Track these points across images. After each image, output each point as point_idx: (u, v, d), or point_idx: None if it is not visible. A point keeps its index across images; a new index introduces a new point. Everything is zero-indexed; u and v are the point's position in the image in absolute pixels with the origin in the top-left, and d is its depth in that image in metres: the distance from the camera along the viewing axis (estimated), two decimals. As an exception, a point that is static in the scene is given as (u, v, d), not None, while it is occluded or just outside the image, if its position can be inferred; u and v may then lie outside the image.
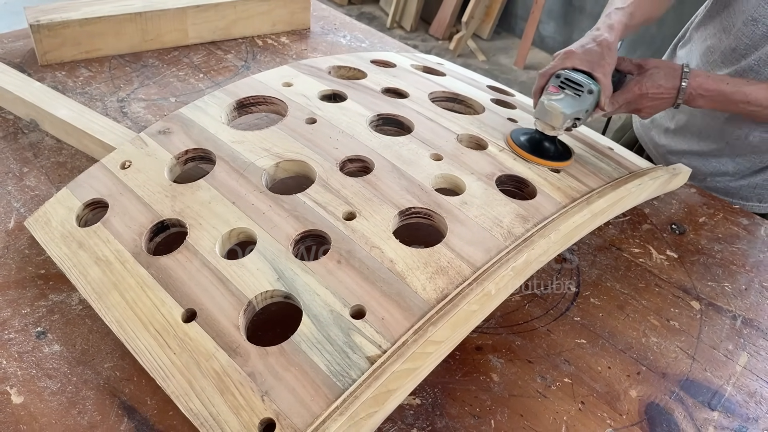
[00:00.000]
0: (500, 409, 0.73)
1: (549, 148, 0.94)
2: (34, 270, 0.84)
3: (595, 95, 0.91)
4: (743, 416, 0.75)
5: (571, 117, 0.90)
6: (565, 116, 0.89)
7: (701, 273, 0.96)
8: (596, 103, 0.93)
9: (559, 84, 0.92)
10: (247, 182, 0.84)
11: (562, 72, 0.92)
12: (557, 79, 0.92)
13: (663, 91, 0.97)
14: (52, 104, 1.09)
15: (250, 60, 1.40)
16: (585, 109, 0.91)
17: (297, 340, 0.67)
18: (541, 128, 0.92)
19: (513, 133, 0.97)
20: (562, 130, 0.92)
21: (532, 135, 0.95)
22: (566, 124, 0.90)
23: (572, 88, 0.91)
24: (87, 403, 0.69)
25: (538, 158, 0.92)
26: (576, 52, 0.94)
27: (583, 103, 0.91)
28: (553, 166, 0.92)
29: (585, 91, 0.90)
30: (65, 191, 0.89)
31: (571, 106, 0.90)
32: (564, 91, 0.91)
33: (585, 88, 0.90)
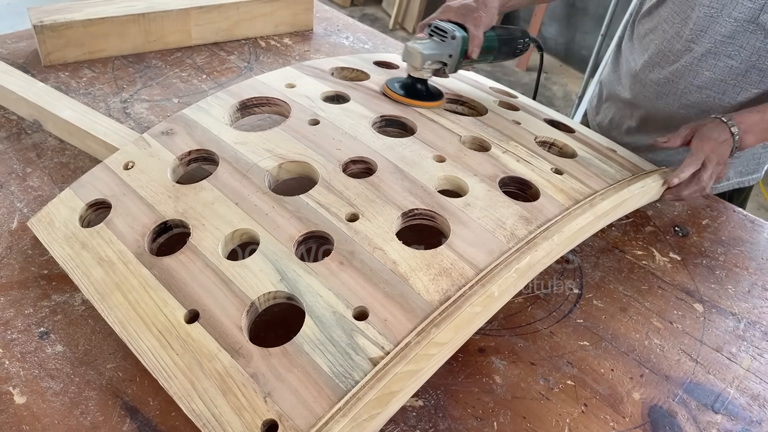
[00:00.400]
0: (503, 411, 0.73)
1: (420, 90, 1.03)
2: (37, 270, 0.84)
3: (458, 40, 0.98)
4: (746, 419, 0.75)
5: (430, 58, 0.98)
6: (423, 56, 0.97)
7: (704, 275, 0.96)
8: (462, 49, 1.00)
9: (429, 32, 1.00)
10: (250, 183, 0.84)
11: (433, 21, 1.00)
12: (428, 28, 1.01)
13: (726, 136, 0.97)
14: (56, 105, 1.09)
15: (253, 61, 1.40)
16: (447, 53, 0.99)
17: (300, 342, 0.67)
18: (409, 71, 1.01)
19: (388, 81, 1.06)
20: (427, 72, 1.00)
21: (404, 80, 1.04)
22: (427, 65, 0.98)
23: (438, 35, 0.99)
24: (90, 403, 0.69)
25: (409, 99, 1.01)
26: (452, 6, 1.03)
27: (446, 47, 0.99)
28: (424, 106, 1.01)
29: (449, 37, 0.98)
30: (68, 192, 0.89)
31: (431, 48, 0.98)
32: (431, 38, 0.99)
33: (449, 35, 0.98)
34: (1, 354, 0.73)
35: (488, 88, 1.19)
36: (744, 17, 1.01)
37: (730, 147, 0.98)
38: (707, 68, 1.08)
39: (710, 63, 1.07)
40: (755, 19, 1.01)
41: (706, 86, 1.10)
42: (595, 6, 3.68)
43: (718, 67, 1.07)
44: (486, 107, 1.08)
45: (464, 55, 1.01)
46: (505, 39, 1.07)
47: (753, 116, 0.99)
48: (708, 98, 1.11)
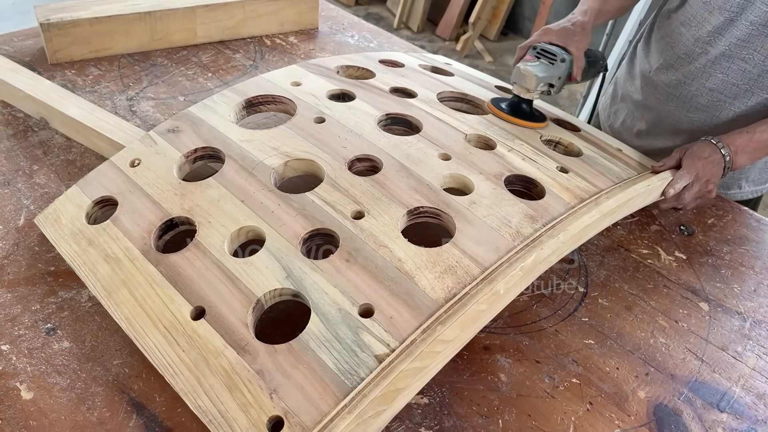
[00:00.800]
0: (508, 409, 0.73)
1: (526, 110, 1.04)
2: (44, 267, 0.85)
3: (567, 64, 1.02)
4: (752, 418, 0.75)
5: (543, 80, 1.00)
6: (538, 79, 1.00)
7: (710, 274, 0.96)
8: (569, 72, 1.03)
9: (536, 54, 1.03)
10: (255, 181, 0.84)
11: (539, 44, 1.03)
12: (534, 50, 1.03)
13: (716, 156, 0.99)
14: (62, 102, 1.09)
15: (259, 59, 1.40)
16: (557, 75, 1.01)
17: (305, 338, 0.67)
18: (517, 91, 1.03)
19: (493, 100, 1.08)
20: (536, 93, 1.02)
21: (511, 99, 1.06)
22: (539, 87, 1.01)
23: (547, 57, 1.02)
24: (96, 399, 0.69)
25: (517, 119, 1.03)
26: (552, 29, 1.06)
27: (556, 69, 1.01)
28: (530, 126, 1.02)
29: (558, 60, 1.01)
30: (75, 189, 0.89)
31: (543, 71, 1.00)
32: (539, 60, 1.02)
33: (558, 57, 1.01)
34: (9, 350, 0.74)
35: (494, 86, 1.19)
36: (759, 21, 1.00)
37: (722, 167, 0.99)
38: (721, 71, 1.08)
39: (724, 66, 1.07)
40: None
41: (717, 89, 1.10)
42: (600, 5, 3.66)
43: (731, 70, 1.07)
44: (491, 106, 1.08)
45: (568, 77, 1.04)
46: (592, 61, 1.11)
47: (742, 137, 1.00)
48: (718, 101, 1.11)
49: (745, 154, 1.00)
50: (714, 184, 0.99)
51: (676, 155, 1.01)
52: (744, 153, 1.00)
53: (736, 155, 0.99)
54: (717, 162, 0.98)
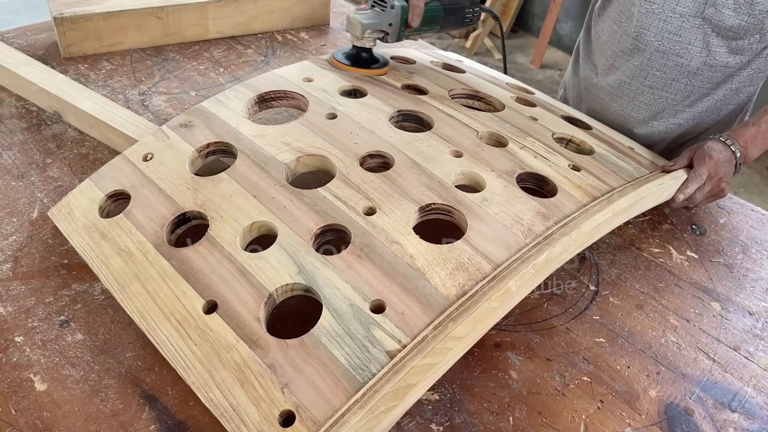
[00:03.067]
0: (518, 407, 0.73)
1: (365, 58, 1.09)
2: (58, 260, 0.85)
3: (397, 10, 1.03)
4: (764, 418, 0.75)
5: (370, 27, 1.04)
6: (363, 26, 1.04)
7: (722, 274, 0.95)
8: (404, 19, 1.04)
9: (372, 3, 1.05)
10: (268, 176, 0.85)
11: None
12: None
13: (727, 154, 0.98)
14: (76, 96, 1.10)
15: (270, 55, 1.41)
16: (387, 22, 1.04)
17: (317, 333, 0.68)
18: (352, 41, 1.07)
19: (335, 54, 1.11)
20: (369, 41, 1.06)
21: (349, 51, 1.10)
22: (367, 34, 1.05)
23: (379, 4, 1.04)
24: (109, 391, 0.70)
25: (355, 68, 1.07)
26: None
27: (386, 17, 1.04)
28: (369, 73, 1.07)
29: (388, 7, 1.03)
30: (88, 182, 0.90)
31: (370, 18, 1.04)
32: (373, 8, 1.05)
33: (388, 4, 1.03)
34: (23, 341, 0.74)
35: (505, 83, 1.19)
36: (689, 12, 1.00)
37: (734, 164, 0.98)
38: (657, 68, 1.07)
39: (659, 62, 1.07)
40: (701, 14, 1.00)
41: (657, 86, 1.10)
42: (611, 3, 3.65)
43: (667, 66, 1.06)
44: (503, 103, 1.07)
45: (405, 24, 1.05)
46: (451, 8, 1.10)
47: (749, 130, 0.99)
48: (660, 99, 1.11)
49: (755, 147, 0.99)
50: (726, 183, 0.99)
51: (687, 154, 1.00)
52: (754, 146, 0.99)
53: (746, 149, 0.99)
54: (728, 160, 0.98)
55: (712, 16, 0.99)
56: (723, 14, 0.98)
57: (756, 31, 1.00)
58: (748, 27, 0.99)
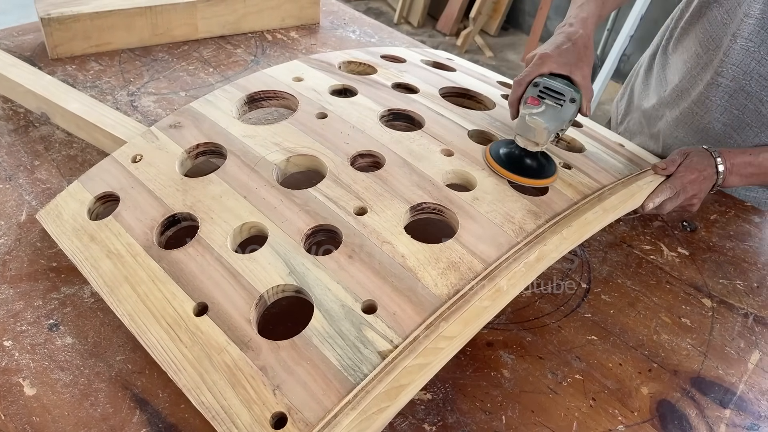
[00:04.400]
0: (511, 405, 0.73)
1: (532, 165, 0.86)
2: (46, 263, 0.84)
3: (577, 103, 0.85)
4: (755, 414, 0.75)
5: (555, 130, 0.83)
6: (549, 132, 0.83)
7: (713, 270, 0.95)
8: (579, 109, 0.87)
9: (538, 94, 0.85)
10: (258, 177, 0.84)
11: (540, 80, 0.86)
12: (535, 88, 0.85)
13: (710, 171, 0.93)
14: (63, 98, 1.09)
15: (260, 54, 1.40)
16: (569, 118, 0.85)
17: (308, 335, 0.67)
18: (523, 145, 0.85)
19: (492, 147, 0.89)
20: (546, 145, 0.85)
21: (512, 151, 0.87)
22: (551, 138, 0.84)
23: (552, 97, 0.84)
24: (99, 395, 0.69)
25: (521, 177, 0.85)
26: (551, 55, 0.87)
27: (566, 113, 0.84)
28: (538, 185, 0.86)
29: (567, 100, 0.84)
30: (76, 184, 0.89)
31: (554, 119, 0.83)
32: (544, 102, 0.84)
33: (566, 97, 0.84)
34: (11, 345, 0.74)
35: (495, 82, 1.19)
36: None
37: (712, 183, 0.94)
38: (736, 107, 1.00)
39: (740, 102, 1.00)
40: None
41: (731, 125, 1.03)
42: (602, 0, 3.65)
43: (747, 108, 1.00)
44: (493, 101, 1.07)
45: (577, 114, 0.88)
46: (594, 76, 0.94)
47: (743, 157, 0.94)
48: (729, 137, 1.04)
49: (738, 176, 0.94)
50: (699, 199, 0.94)
51: (678, 159, 0.95)
52: (738, 174, 0.94)
53: (730, 174, 0.93)
54: (709, 177, 0.93)
55: None
56: None
57: None
58: None
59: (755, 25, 0.95)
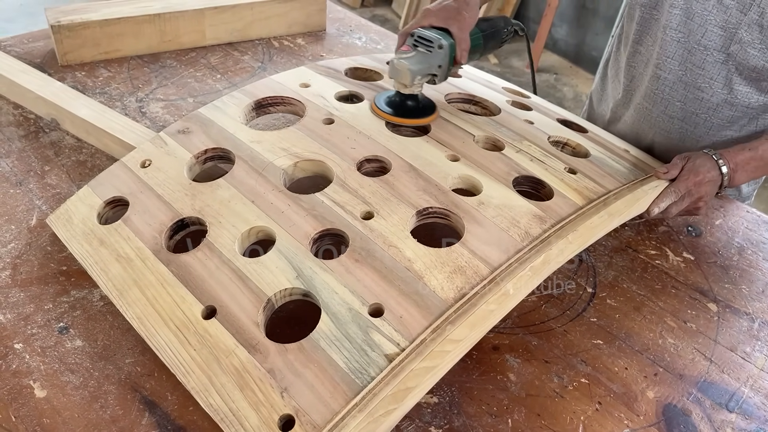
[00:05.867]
0: (517, 409, 0.73)
1: (411, 107, 0.97)
2: (56, 266, 0.85)
3: (445, 50, 0.93)
4: (761, 418, 0.75)
5: (420, 73, 0.93)
6: (412, 73, 0.92)
7: (718, 275, 0.96)
8: (452, 57, 0.95)
9: (413, 42, 0.94)
10: (265, 181, 0.85)
11: (416, 31, 0.94)
12: (411, 38, 0.94)
13: (714, 174, 0.94)
14: (73, 104, 1.10)
15: (267, 61, 1.41)
16: (437, 64, 0.94)
17: (316, 338, 0.68)
18: (396, 87, 0.96)
19: (376, 98, 1.00)
20: (417, 87, 0.95)
21: (393, 98, 0.99)
22: (417, 80, 0.93)
23: (424, 45, 0.93)
24: (109, 397, 0.70)
25: (400, 119, 0.96)
26: (432, 10, 0.97)
27: (434, 58, 0.93)
28: (418, 123, 0.97)
29: (435, 47, 0.93)
30: (86, 189, 0.90)
31: (419, 63, 0.93)
32: (417, 49, 0.94)
33: (435, 44, 0.92)
34: (22, 348, 0.75)
35: (501, 87, 1.19)
36: (714, 45, 0.96)
37: (718, 185, 0.95)
38: (678, 98, 1.05)
39: (680, 93, 1.04)
40: (726, 49, 0.96)
41: (678, 117, 1.07)
42: (606, 7, 3.67)
43: (688, 98, 1.04)
44: (499, 107, 1.08)
45: (453, 62, 0.97)
46: (490, 33, 1.04)
47: (744, 154, 0.95)
48: (681, 129, 1.08)
49: (744, 172, 0.96)
50: (705, 203, 0.95)
51: (679, 164, 0.96)
52: (744, 171, 0.96)
53: (735, 173, 0.95)
54: (713, 180, 0.94)
55: (737, 53, 0.95)
56: (748, 53, 0.95)
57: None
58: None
59: (680, 15, 0.99)
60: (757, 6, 0.91)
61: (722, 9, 0.95)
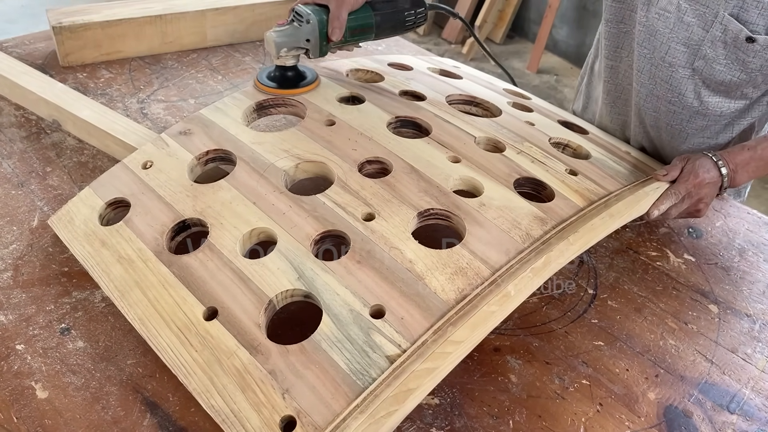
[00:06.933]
0: (518, 410, 0.73)
1: (290, 77, 1.02)
2: (58, 268, 0.85)
3: (313, 24, 0.96)
4: (762, 420, 0.75)
5: (286, 45, 0.98)
6: (277, 44, 0.97)
7: (719, 277, 0.96)
8: (323, 32, 0.98)
9: (291, 18, 0.99)
10: (267, 183, 0.85)
11: (296, 6, 0.99)
12: (291, 13, 0.99)
13: (714, 175, 0.93)
14: (75, 105, 1.10)
15: (268, 62, 1.41)
16: (304, 38, 0.98)
17: (317, 339, 0.68)
18: (273, 60, 1.01)
19: (258, 75, 1.04)
20: (289, 58, 1.00)
21: (272, 71, 1.04)
22: (283, 52, 0.98)
23: (297, 19, 0.98)
24: (110, 398, 0.70)
25: (280, 89, 1.01)
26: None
27: (302, 32, 0.97)
28: (295, 93, 1.01)
29: (304, 21, 0.97)
30: (88, 190, 0.90)
31: (287, 36, 0.97)
32: (292, 23, 0.98)
33: (304, 18, 0.97)
34: (24, 349, 0.75)
35: (502, 89, 1.20)
36: (678, 62, 0.97)
37: (718, 186, 0.94)
38: (652, 109, 1.05)
39: (653, 104, 1.05)
40: (690, 65, 0.97)
41: (655, 126, 1.08)
42: (607, 8, 3.66)
43: (660, 110, 1.04)
44: (500, 108, 1.08)
45: (326, 39, 0.99)
46: (387, 13, 1.03)
47: (743, 154, 0.95)
48: (658, 138, 1.10)
49: (745, 173, 0.95)
50: (705, 204, 0.95)
51: (679, 165, 0.96)
52: (744, 171, 0.95)
53: (736, 173, 0.95)
54: (713, 181, 0.94)
55: (703, 68, 0.96)
56: (714, 69, 0.95)
57: (749, 86, 0.97)
58: (740, 83, 0.96)
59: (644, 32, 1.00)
60: (719, 23, 0.91)
61: (683, 26, 0.95)
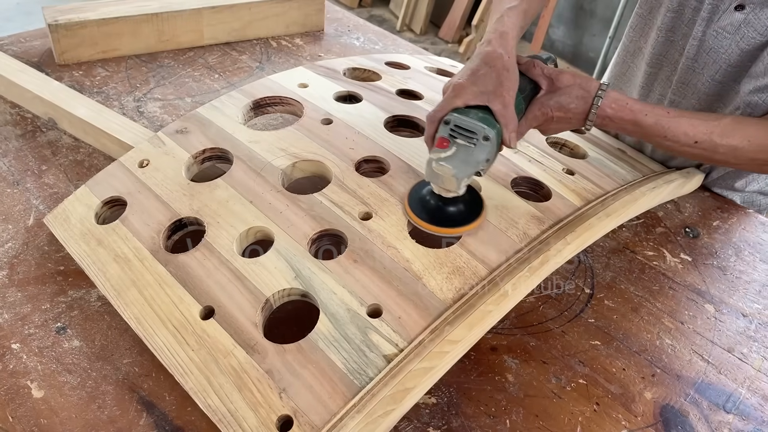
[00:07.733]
0: (515, 409, 0.73)
1: (453, 213, 0.80)
2: (54, 266, 0.85)
3: (493, 140, 0.74)
4: (758, 419, 0.75)
5: (466, 175, 0.75)
6: (458, 179, 0.74)
7: (715, 276, 0.96)
8: (499, 144, 0.77)
9: (449, 134, 0.74)
10: (264, 181, 0.85)
11: (451, 117, 0.74)
12: (446, 126, 0.75)
13: (571, 116, 0.84)
14: (71, 103, 1.10)
15: (265, 61, 1.41)
16: (484, 158, 0.74)
17: (314, 338, 0.68)
18: (438, 191, 0.78)
19: (411, 201, 0.81)
20: (463, 189, 0.77)
21: (431, 203, 0.80)
22: (464, 182, 0.76)
23: (464, 137, 0.74)
24: (107, 397, 0.70)
25: (440, 228, 0.79)
26: (464, 84, 0.76)
27: (479, 154, 0.74)
28: (459, 233, 0.79)
29: (480, 138, 0.73)
30: (84, 189, 0.90)
31: (464, 163, 0.74)
32: (456, 142, 0.74)
33: (479, 135, 0.73)
34: (19, 348, 0.74)
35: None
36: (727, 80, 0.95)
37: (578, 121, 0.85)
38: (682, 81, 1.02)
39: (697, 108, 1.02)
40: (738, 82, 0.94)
41: None
42: (603, 8, 3.67)
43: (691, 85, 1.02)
44: (497, 108, 1.08)
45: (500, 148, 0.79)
46: (530, 90, 0.86)
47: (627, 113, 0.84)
48: None
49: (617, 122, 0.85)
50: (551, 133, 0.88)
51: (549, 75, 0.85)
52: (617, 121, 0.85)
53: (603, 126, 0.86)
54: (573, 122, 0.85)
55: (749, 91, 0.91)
56: None
57: None
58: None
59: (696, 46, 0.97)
60: None
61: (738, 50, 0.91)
